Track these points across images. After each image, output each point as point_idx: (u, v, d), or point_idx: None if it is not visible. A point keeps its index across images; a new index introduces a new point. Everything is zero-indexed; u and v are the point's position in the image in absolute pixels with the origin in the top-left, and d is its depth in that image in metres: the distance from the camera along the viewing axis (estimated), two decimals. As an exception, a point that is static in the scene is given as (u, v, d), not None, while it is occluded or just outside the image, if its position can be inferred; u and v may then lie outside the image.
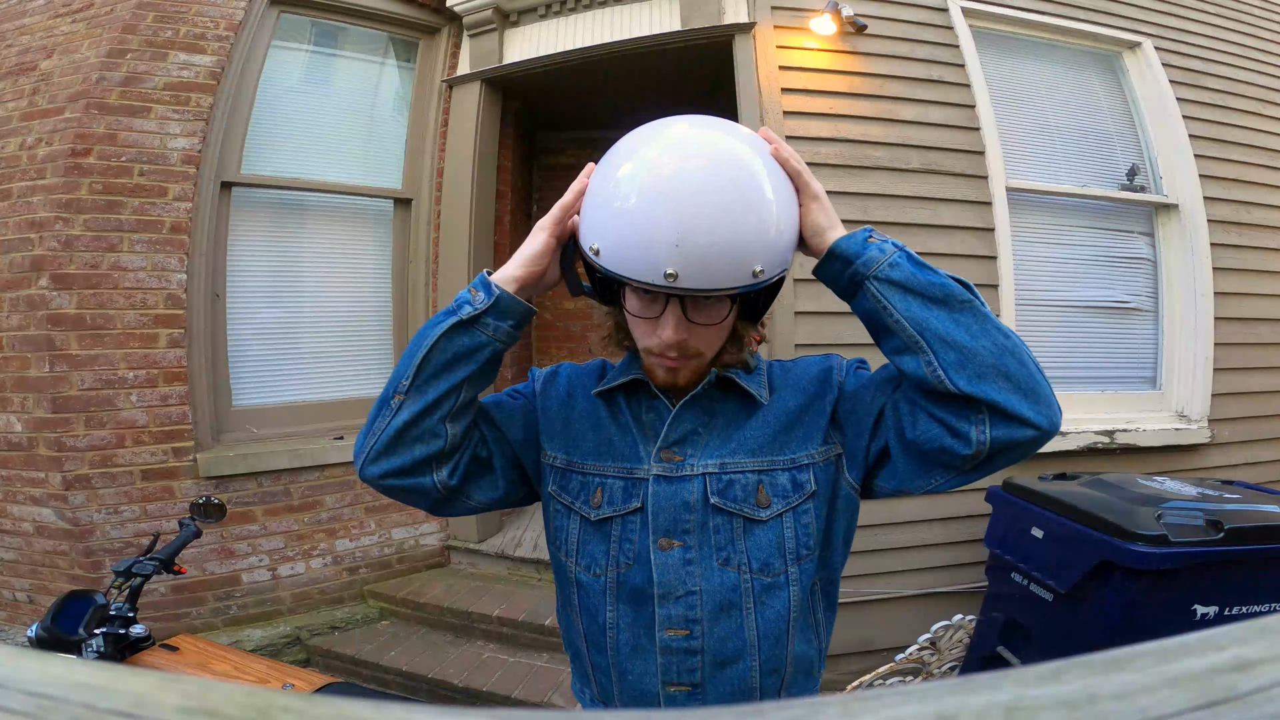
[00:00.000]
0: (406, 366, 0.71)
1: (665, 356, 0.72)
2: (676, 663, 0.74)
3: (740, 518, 0.74)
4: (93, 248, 2.34)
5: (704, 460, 0.75)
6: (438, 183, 3.11)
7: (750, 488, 0.74)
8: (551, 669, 2.36)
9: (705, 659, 0.74)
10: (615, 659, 0.76)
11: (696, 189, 0.63)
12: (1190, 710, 0.17)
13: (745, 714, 0.18)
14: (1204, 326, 2.67)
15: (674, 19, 2.78)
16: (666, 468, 0.76)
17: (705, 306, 0.69)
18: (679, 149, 0.67)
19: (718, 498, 0.74)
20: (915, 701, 0.17)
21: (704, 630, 0.73)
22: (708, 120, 0.70)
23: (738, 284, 0.65)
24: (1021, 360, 0.63)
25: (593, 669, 0.80)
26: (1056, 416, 0.64)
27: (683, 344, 0.70)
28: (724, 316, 0.71)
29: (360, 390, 3.02)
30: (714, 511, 0.74)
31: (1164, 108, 2.79)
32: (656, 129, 0.69)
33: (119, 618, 1.39)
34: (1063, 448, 2.50)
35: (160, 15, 2.54)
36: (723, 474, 0.75)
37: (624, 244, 0.65)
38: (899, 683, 2.09)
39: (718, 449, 0.76)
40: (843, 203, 2.45)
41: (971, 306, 0.65)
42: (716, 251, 0.63)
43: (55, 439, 2.27)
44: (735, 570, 0.74)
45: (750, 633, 0.74)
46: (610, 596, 0.76)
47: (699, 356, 0.73)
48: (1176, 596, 1.65)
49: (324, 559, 2.74)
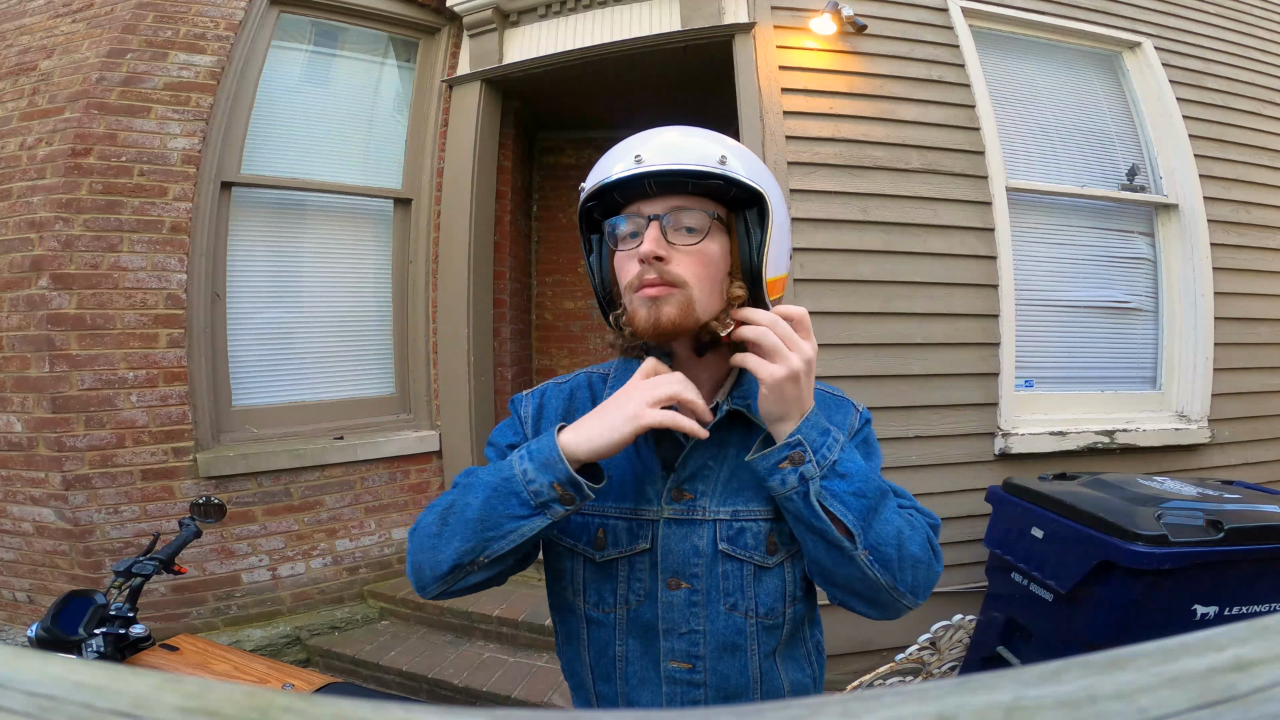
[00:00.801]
0: (487, 548, 0.67)
1: (645, 283, 0.67)
2: (681, 693, 0.75)
3: (751, 565, 0.74)
4: (93, 248, 2.34)
5: (715, 505, 0.74)
6: (438, 183, 3.11)
7: (761, 536, 0.74)
8: (551, 669, 2.36)
9: (708, 693, 0.75)
10: (624, 689, 0.76)
11: (668, 127, 0.72)
12: (1190, 710, 0.17)
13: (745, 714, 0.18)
14: (1204, 326, 2.67)
15: (674, 19, 2.78)
16: (678, 510, 0.74)
17: (689, 230, 0.69)
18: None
19: (727, 545, 0.73)
20: (915, 701, 0.17)
21: (706, 667, 0.74)
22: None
23: (703, 164, 0.66)
24: (872, 583, 0.68)
25: (598, 699, 0.79)
26: (898, 613, 0.72)
27: (662, 264, 0.67)
28: (703, 238, 0.68)
29: (360, 390, 3.02)
30: (723, 558, 0.73)
31: (1164, 108, 2.79)
32: None
33: (119, 618, 1.38)
34: (1063, 448, 2.50)
35: (160, 15, 2.54)
36: (734, 521, 0.74)
37: (599, 165, 0.71)
38: (899, 683, 2.09)
39: (730, 493, 0.75)
40: (842, 202, 2.46)
41: (843, 552, 0.68)
42: (677, 141, 0.69)
43: (55, 439, 2.27)
44: (742, 615, 0.74)
45: (754, 670, 0.75)
46: (620, 631, 0.76)
47: (682, 288, 0.67)
48: (1176, 596, 1.65)
49: (324, 559, 2.74)
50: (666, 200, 0.68)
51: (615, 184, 0.68)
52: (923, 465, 2.42)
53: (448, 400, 3.01)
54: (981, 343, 2.50)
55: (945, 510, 2.43)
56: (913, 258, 2.47)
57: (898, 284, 2.45)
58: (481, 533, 0.67)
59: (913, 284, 2.46)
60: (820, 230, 2.43)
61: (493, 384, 3.27)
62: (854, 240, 2.45)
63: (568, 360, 4.16)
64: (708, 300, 0.69)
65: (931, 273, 2.48)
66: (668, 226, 0.68)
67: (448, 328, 3.02)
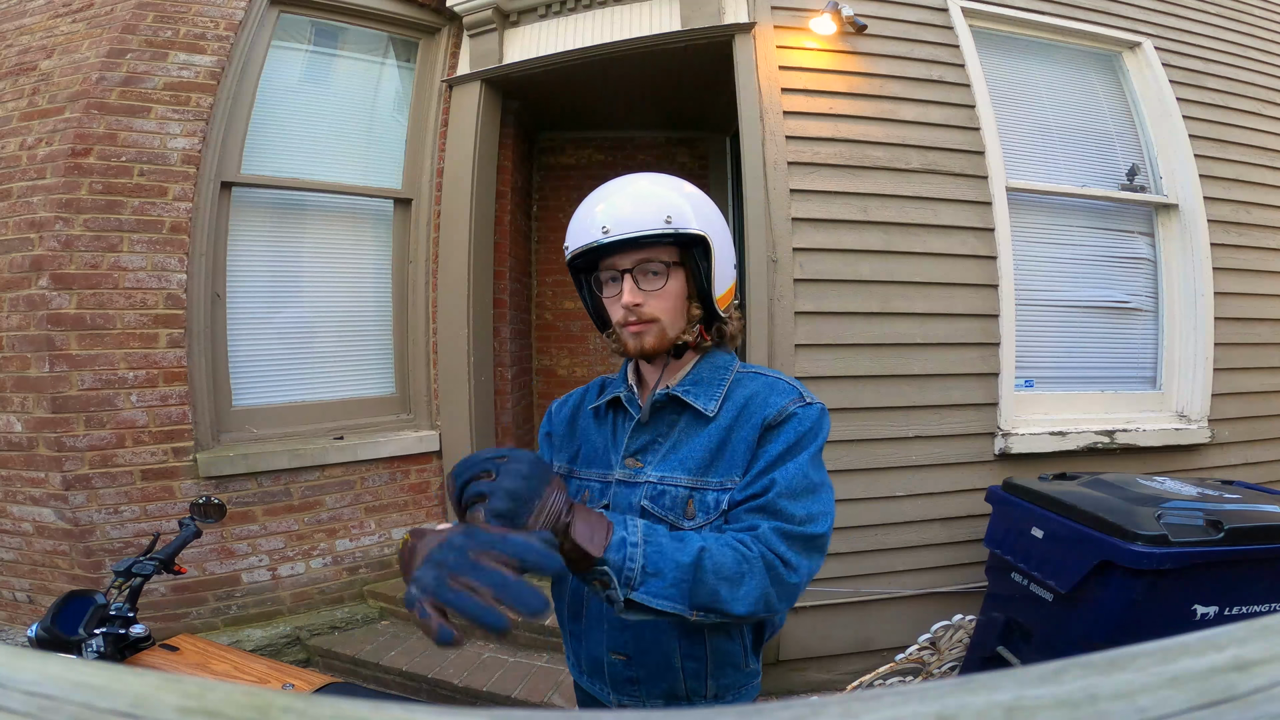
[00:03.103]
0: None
1: (628, 323, 0.87)
2: (616, 632, 0.90)
3: (666, 524, 0.85)
4: (93, 248, 2.34)
5: (651, 471, 0.90)
6: (438, 183, 3.11)
7: (680, 500, 0.87)
8: (551, 669, 2.36)
9: (631, 633, 0.89)
10: (584, 627, 0.94)
11: (620, 180, 0.90)
12: (1190, 710, 0.17)
13: (746, 714, 0.18)
14: (1204, 326, 2.67)
15: (674, 19, 2.78)
16: (627, 474, 0.91)
17: (648, 275, 0.87)
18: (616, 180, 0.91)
19: (649, 503, 0.88)
20: (915, 701, 0.17)
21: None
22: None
23: (654, 229, 0.84)
24: (717, 624, 0.78)
25: (569, 635, 0.98)
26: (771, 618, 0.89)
27: (639, 307, 0.86)
28: (664, 283, 0.87)
29: (360, 390, 3.02)
30: (645, 514, 0.87)
31: (1164, 108, 2.79)
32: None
33: (119, 618, 1.38)
34: (1063, 448, 2.50)
35: (160, 15, 2.54)
36: (659, 484, 0.88)
37: (574, 228, 0.89)
38: (899, 683, 2.09)
39: (664, 462, 0.90)
40: (842, 202, 2.46)
41: (682, 620, 0.75)
42: (630, 209, 0.85)
43: (55, 439, 2.27)
44: None
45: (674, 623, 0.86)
46: None
47: (655, 322, 0.87)
48: (1176, 596, 1.65)
49: (324, 559, 2.74)
50: (632, 255, 0.86)
51: (590, 249, 0.87)
52: (923, 465, 2.42)
53: (448, 400, 3.01)
54: (981, 343, 2.50)
55: (945, 510, 2.44)
56: (913, 258, 2.47)
57: (898, 284, 2.46)
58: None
59: (913, 284, 2.46)
60: (820, 230, 2.43)
61: (493, 384, 3.27)
62: (854, 240, 2.45)
63: (568, 360, 4.16)
64: (675, 324, 0.89)
65: (931, 273, 2.48)
66: (638, 275, 0.86)
67: (448, 328, 3.02)
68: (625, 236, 0.84)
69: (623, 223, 0.84)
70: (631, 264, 0.86)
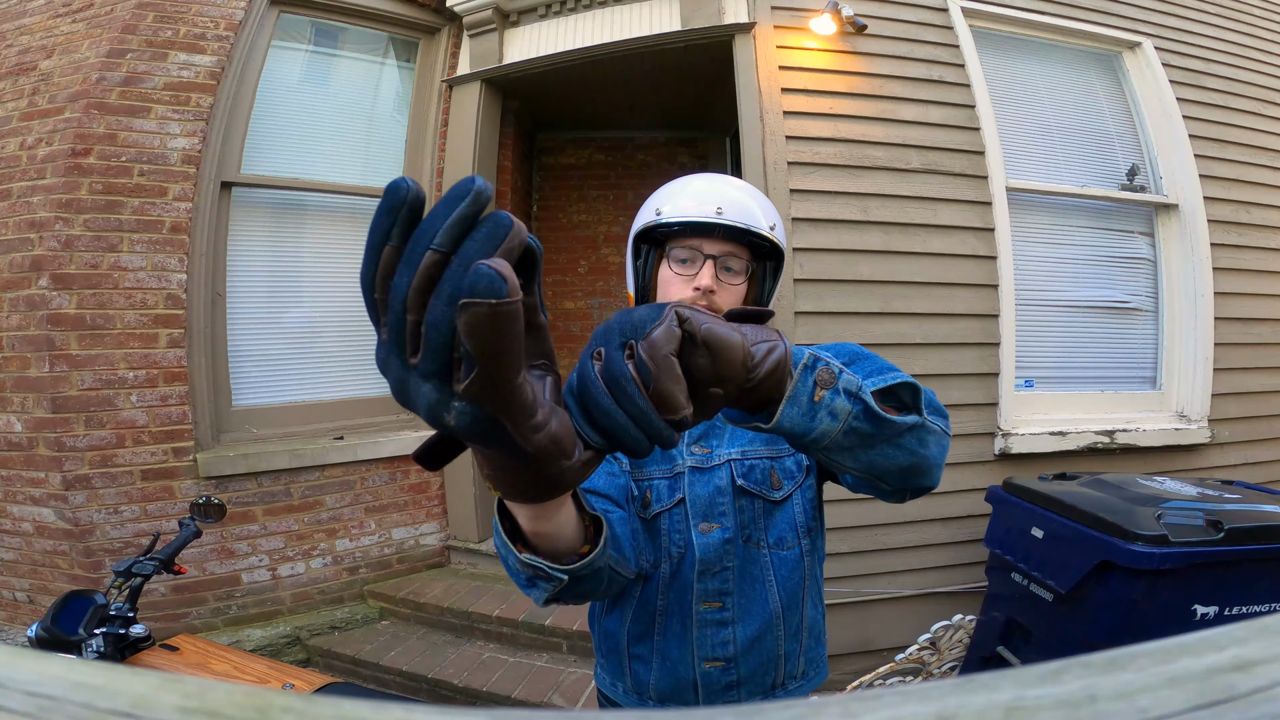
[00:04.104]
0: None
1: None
2: (711, 635, 0.84)
3: (761, 499, 0.85)
4: (93, 248, 2.34)
5: (727, 449, 0.87)
6: (438, 183, 3.11)
7: (766, 471, 0.86)
8: (551, 669, 2.36)
9: (736, 631, 0.84)
10: (662, 644, 0.85)
11: (728, 181, 0.90)
12: (1190, 710, 0.17)
13: (746, 714, 0.18)
14: (1204, 326, 2.67)
15: (674, 19, 2.78)
16: (699, 459, 0.87)
17: (726, 270, 0.86)
18: (717, 175, 0.93)
19: (743, 480, 0.85)
20: (915, 701, 0.17)
21: (734, 603, 0.84)
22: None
23: (761, 229, 0.85)
24: (929, 457, 0.65)
25: (631, 660, 0.88)
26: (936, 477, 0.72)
27: (712, 295, 0.83)
28: (744, 279, 0.86)
29: (360, 390, 3.02)
30: (740, 493, 0.85)
31: (1164, 108, 2.79)
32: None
33: (119, 618, 1.38)
34: (1063, 448, 2.50)
35: (160, 15, 2.54)
36: (744, 459, 0.86)
37: (679, 199, 0.87)
38: (899, 683, 2.09)
39: (735, 439, 0.88)
40: (842, 202, 2.46)
41: (910, 432, 0.59)
42: (745, 202, 0.86)
43: (55, 439, 2.27)
44: (756, 547, 0.85)
45: (774, 603, 0.85)
46: (664, 585, 0.85)
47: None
48: (1176, 596, 1.65)
49: (324, 559, 2.74)
50: (723, 245, 0.85)
51: (692, 223, 0.84)
52: (923, 465, 2.41)
53: (448, 400, 3.01)
54: (981, 343, 2.50)
55: (945, 510, 2.44)
56: (913, 258, 2.47)
57: (898, 284, 2.45)
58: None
59: (913, 284, 2.46)
60: (820, 230, 2.43)
61: (493, 384, 3.27)
62: (854, 240, 2.45)
63: (567, 360, 4.16)
64: None
65: (931, 273, 2.48)
66: (719, 267, 0.85)
67: (448, 328, 3.02)
68: (737, 224, 0.84)
69: (737, 211, 0.85)
70: (718, 252, 0.85)
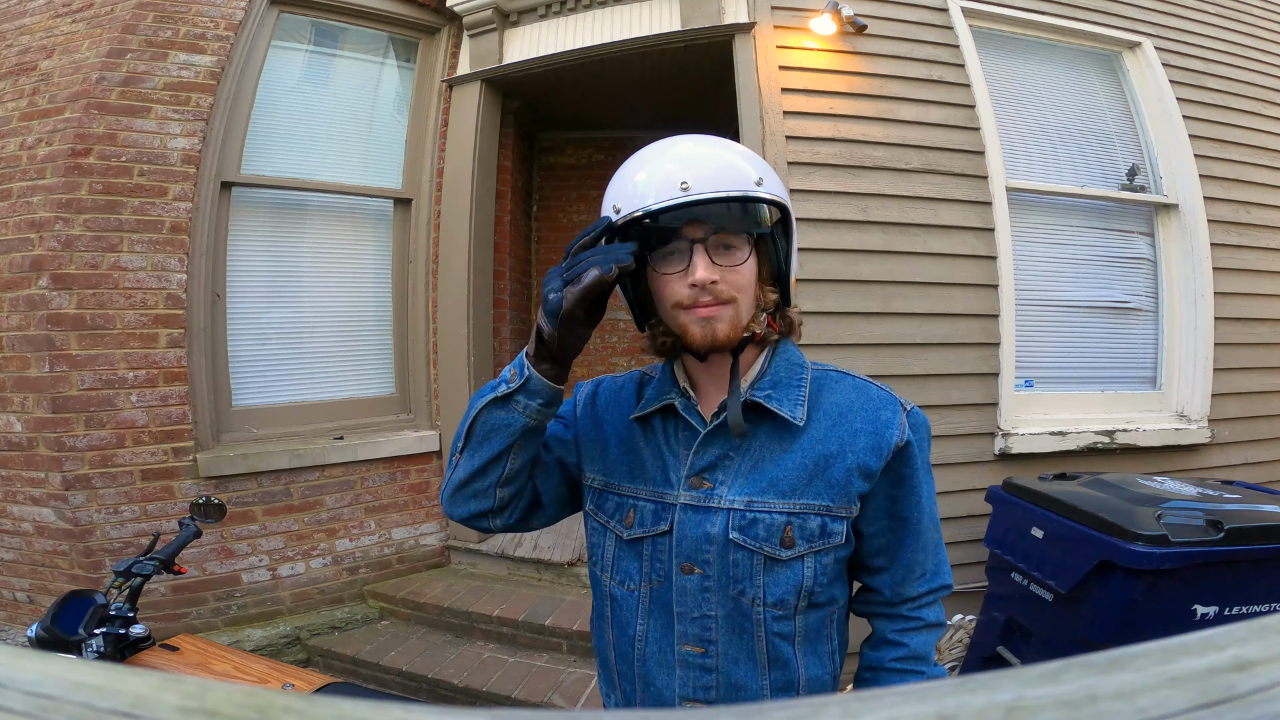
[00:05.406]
0: (459, 430, 0.78)
1: (698, 305, 0.71)
2: (693, 678, 0.77)
3: (761, 555, 0.74)
4: (93, 248, 2.34)
5: (732, 495, 0.75)
6: (438, 183, 3.11)
7: (776, 528, 0.74)
8: (551, 669, 2.36)
9: (719, 678, 0.77)
10: (641, 669, 0.79)
11: (693, 141, 0.74)
12: (1190, 710, 0.17)
13: (746, 714, 0.18)
14: (1204, 326, 2.67)
15: (674, 19, 2.78)
16: (695, 496, 0.77)
17: (727, 248, 0.71)
18: (676, 137, 0.76)
19: (738, 534, 0.74)
20: (915, 701, 0.17)
21: (718, 651, 0.76)
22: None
23: (743, 189, 0.70)
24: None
25: (618, 677, 0.83)
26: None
27: (714, 285, 0.70)
28: (746, 257, 0.72)
29: (360, 390, 3.02)
30: (734, 547, 0.74)
31: (1164, 108, 2.79)
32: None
33: (119, 618, 1.38)
34: (1063, 448, 2.50)
35: (160, 15, 2.54)
36: (747, 511, 0.74)
37: (638, 188, 0.71)
38: (899, 683, 2.08)
39: (748, 483, 0.75)
40: (842, 202, 2.45)
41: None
42: (715, 163, 0.71)
43: (55, 439, 2.27)
44: (749, 603, 0.75)
45: (761, 657, 0.76)
46: (643, 609, 0.80)
47: (731, 303, 0.71)
48: (1176, 596, 1.65)
49: (324, 559, 2.74)
50: (704, 223, 0.70)
51: (658, 211, 0.69)
52: (923, 465, 2.42)
53: (448, 400, 3.01)
54: (981, 343, 2.50)
55: (945, 510, 2.43)
56: (913, 258, 2.47)
57: (898, 284, 2.45)
58: (461, 422, 0.78)
59: (913, 284, 2.46)
60: (820, 230, 2.43)
61: (493, 384, 3.27)
62: (854, 240, 2.45)
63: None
64: (750, 309, 0.74)
65: (931, 273, 2.48)
66: (710, 248, 0.70)
67: (448, 328, 3.02)
68: (711, 196, 0.68)
69: (709, 178, 0.69)
70: (704, 233, 0.70)
